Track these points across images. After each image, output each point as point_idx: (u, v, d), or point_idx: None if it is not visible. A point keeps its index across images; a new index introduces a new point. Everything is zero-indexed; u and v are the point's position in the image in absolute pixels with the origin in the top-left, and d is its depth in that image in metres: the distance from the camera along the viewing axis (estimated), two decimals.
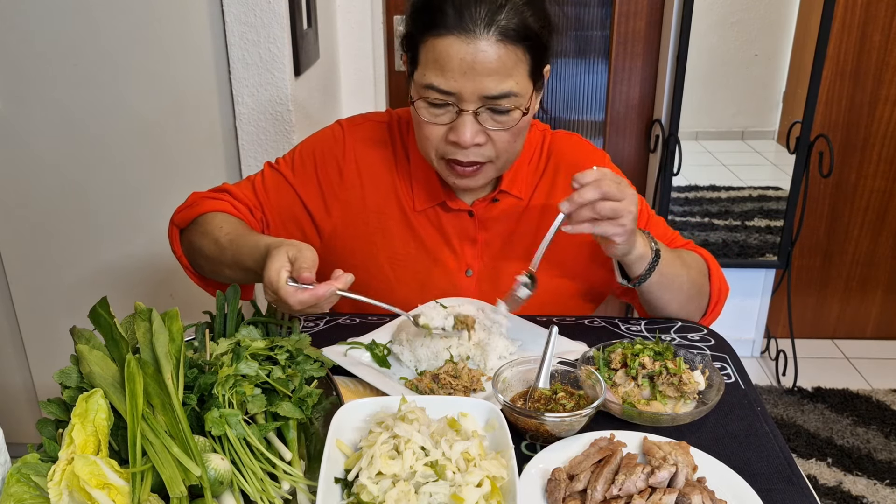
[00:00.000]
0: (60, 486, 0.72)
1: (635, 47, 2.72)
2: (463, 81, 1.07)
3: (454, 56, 1.06)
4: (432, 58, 1.08)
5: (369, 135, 1.31)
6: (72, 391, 0.84)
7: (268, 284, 0.99)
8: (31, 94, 1.84)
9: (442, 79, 1.07)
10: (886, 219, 2.93)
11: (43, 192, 1.94)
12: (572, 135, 1.37)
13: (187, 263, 1.28)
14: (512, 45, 1.06)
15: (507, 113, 1.10)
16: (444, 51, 1.06)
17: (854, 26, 2.62)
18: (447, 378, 1.03)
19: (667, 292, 1.23)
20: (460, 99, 1.08)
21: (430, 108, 1.12)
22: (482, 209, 1.28)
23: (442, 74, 1.07)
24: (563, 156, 1.32)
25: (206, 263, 1.23)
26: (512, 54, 1.07)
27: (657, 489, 0.81)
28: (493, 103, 1.09)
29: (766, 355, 3.06)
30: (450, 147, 1.14)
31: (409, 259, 1.30)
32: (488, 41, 1.05)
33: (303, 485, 0.81)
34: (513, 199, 1.29)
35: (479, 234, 1.29)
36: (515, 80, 1.08)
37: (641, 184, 2.93)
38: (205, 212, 1.24)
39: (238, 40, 1.77)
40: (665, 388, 1.01)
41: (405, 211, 1.29)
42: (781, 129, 2.84)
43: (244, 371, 0.88)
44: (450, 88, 1.07)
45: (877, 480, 2.30)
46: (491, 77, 1.06)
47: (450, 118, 1.11)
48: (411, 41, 1.14)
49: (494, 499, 0.76)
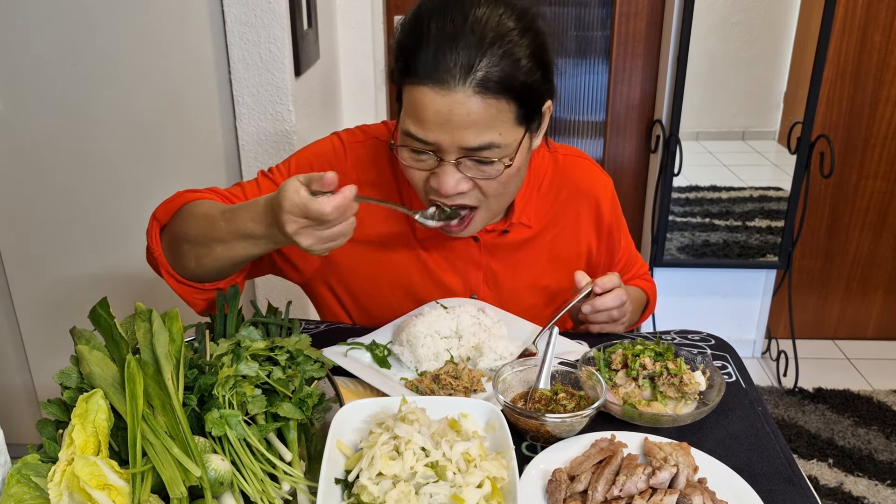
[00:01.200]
0: (60, 487, 0.72)
1: (636, 48, 2.72)
2: (439, 133, 1.00)
3: (429, 107, 0.99)
4: (410, 104, 1.03)
5: (371, 154, 1.24)
6: (72, 392, 0.84)
7: (291, 208, 0.92)
8: (31, 94, 1.84)
9: (419, 129, 1.02)
10: (887, 219, 2.93)
11: (43, 192, 1.94)
12: (581, 157, 1.33)
13: (165, 262, 1.14)
14: (492, 98, 0.99)
15: (490, 164, 1.04)
16: (420, 101, 1.00)
17: (855, 27, 2.62)
18: (447, 378, 1.03)
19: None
20: (439, 149, 1.03)
21: (411, 154, 1.06)
22: (489, 238, 1.24)
23: (419, 124, 1.01)
24: (576, 183, 1.29)
25: (192, 247, 1.09)
26: (492, 107, 0.99)
27: (658, 490, 0.81)
28: (473, 155, 1.03)
29: (766, 356, 3.05)
30: (434, 192, 1.08)
31: (412, 284, 1.25)
32: (465, 93, 0.98)
33: (303, 485, 0.80)
34: (521, 227, 1.25)
35: (484, 260, 1.26)
36: (498, 130, 1.01)
37: (642, 184, 2.93)
38: (191, 200, 1.14)
39: (238, 40, 1.77)
40: (666, 388, 1.01)
41: (408, 235, 1.24)
42: (782, 130, 2.84)
43: (244, 372, 0.88)
44: (427, 139, 1.02)
45: (878, 481, 2.30)
46: (469, 130, 1.00)
47: (431, 164, 1.06)
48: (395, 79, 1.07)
49: (495, 499, 0.76)
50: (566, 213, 1.28)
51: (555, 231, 1.28)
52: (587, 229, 1.30)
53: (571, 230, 1.29)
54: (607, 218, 1.31)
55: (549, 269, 1.29)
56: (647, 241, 2.91)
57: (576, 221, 1.29)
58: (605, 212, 1.31)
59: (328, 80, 2.27)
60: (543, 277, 1.29)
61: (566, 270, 1.26)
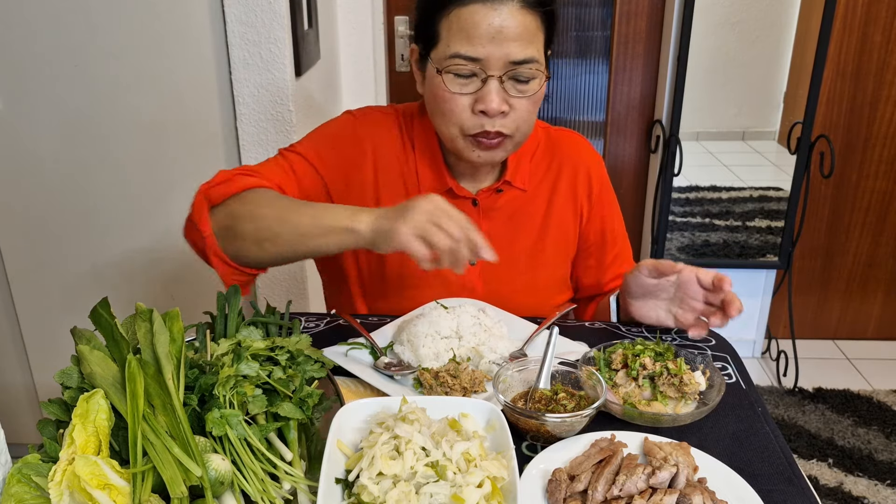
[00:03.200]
0: (61, 487, 0.72)
1: (636, 48, 2.72)
2: (490, 47, 1.11)
3: (480, 22, 1.10)
4: (457, 28, 1.12)
5: (381, 121, 1.32)
6: (72, 391, 0.84)
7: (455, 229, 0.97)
8: (31, 94, 1.84)
9: (469, 46, 1.11)
10: (887, 219, 2.93)
11: (43, 192, 1.94)
12: (573, 133, 1.42)
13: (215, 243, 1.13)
14: (532, 13, 1.12)
15: (527, 82, 1.14)
16: (470, 18, 1.11)
17: (855, 26, 2.62)
18: (446, 377, 1.03)
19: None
20: (487, 65, 1.12)
21: (456, 78, 1.14)
22: (486, 198, 1.31)
23: (468, 42, 1.11)
24: (566, 154, 1.37)
25: (258, 233, 1.08)
26: (532, 23, 1.12)
27: (658, 490, 0.81)
28: (517, 69, 1.13)
29: (766, 356, 3.05)
30: (475, 120, 1.16)
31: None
32: (512, 7, 1.10)
33: (303, 485, 0.81)
34: (516, 191, 1.32)
35: (482, 224, 1.30)
36: (536, 47, 1.14)
37: (642, 184, 2.93)
38: (252, 187, 1.15)
39: (238, 40, 1.77)
40: (666, 388, 1.01)
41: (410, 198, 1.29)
42: (782, 130, 2.84)
43: (245, 371, 0.88)
44: (477, 55, 1.11)
45: (878, 481, 2.30)
46: (516, 42, 1.11)
47: (475, 87, 1.14)
48: (427, 22, 1.16)
49: (495, 499, 0.76)
50: (560, 181, 1.35)
51: (548, 197, 1.35)
52: (581, 198, 1.37)
53: (564, 197, 1.36)
54: (597, 189, 1.38)
55: (543, 235, 1.35)
56: (647, 241, 2.91)
57: (570, 189, 1.36)
58: (595, 184, 1.38)
59: (328, 80, 2.27)
60: (539, 243, 1.35)
61: (561, 236, 1.36)
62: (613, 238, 1.42)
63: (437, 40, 1.15)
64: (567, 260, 1.41)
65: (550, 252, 1.36)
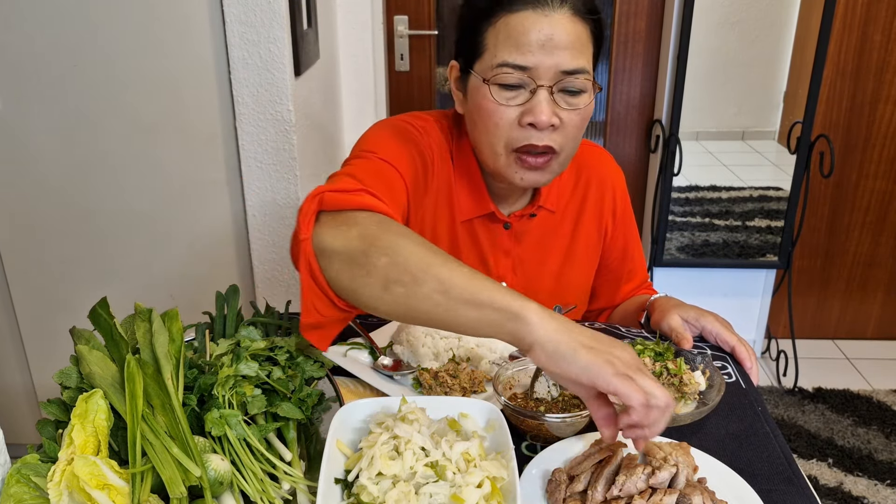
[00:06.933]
0: (60, 487, 0.72)
1: (636, 47, 2.72)
2: (541, 56, 1.05)
3: (531, 29, 1.04)
4: (505, 36, 1.06)
5: (438, 134, 1.23)
6: (72, 391, 0.84)
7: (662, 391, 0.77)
8: (31, 94, 1.84)
9: (518, 54, 1.05)
10: (887, 219, 2.93)
11: (43, 192, 1.94)
12: (596, 146, 1.38)
13: (310, 249, 0.89)
14: (582, 22, 1.07)
15: (578, 95, 1.08)
16: (520, 25, 1.05)
17: (855, 26, 2.62)
18: (445, 377, 1.03)
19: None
20: (536, 75, 1.06)
21: (503, 89, 1.08)
22: (518, 222, 1.27)
23: (518, 50, 1.05)
24: (593, 170, 1.33)
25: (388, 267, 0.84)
26: (582, 33, 1.07)
27: (658, 490, 0.81)
28: (567, 80, 1.06)
29: (766, 356, 3.05)
30: (522, 132, 1.09)
31: None
32: (563, 15, 1.05)
33: (303, 485, 0.80)
34: (546, 212, 1.29)
35: (513, 248, 1.28)
36: (586, 57, 1.08)
37: (642, 184, 2.93)
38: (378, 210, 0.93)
39: (238, 40, 1.77)
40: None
41: (453, 219, 1.25)
42: (782, 130, 2.83)
43: (244, 371, 0.88)
44: (526, 63, 1.05)
45: (877, 481, 2.30)
46: (567, 51, 1.05)
47: (524, 98, 1.08)
48: (472, 33, 1.11)
49: (495, 499, 0.76)
50: (587, 200, 1.32)
51: (575, 217, 1.32)
52: (606, 216, 1.34)
53: (590, 216, 1.33)
54: (620, 206, 1.36)
55: (570, 256, 1.33)
56: (647, 241, 2.91)
57: (596, 207, 1.33)
58: (619, 201, 1.35)
59: (328, 81, 2.27)
60: (566, 265, 1.33)
61: (586, 257, 1.34)
62: (631, 254, 1.40)
63: (482, 51, 1.10)
64: (590, 279, 1.39)
65: (576, 272, 1.34)
